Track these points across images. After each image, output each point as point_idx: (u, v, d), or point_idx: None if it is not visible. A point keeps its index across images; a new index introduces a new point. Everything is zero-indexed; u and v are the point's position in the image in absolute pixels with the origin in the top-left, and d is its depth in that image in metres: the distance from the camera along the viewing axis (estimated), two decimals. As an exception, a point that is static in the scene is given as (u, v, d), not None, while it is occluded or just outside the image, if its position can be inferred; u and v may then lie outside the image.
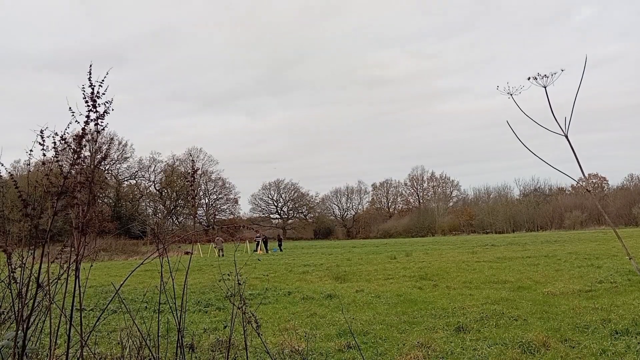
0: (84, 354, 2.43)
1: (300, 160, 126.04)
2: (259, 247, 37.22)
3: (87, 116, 2.24)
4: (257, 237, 39.04)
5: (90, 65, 2.24)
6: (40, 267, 2.27)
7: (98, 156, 2.62)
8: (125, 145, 70.34)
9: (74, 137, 2.26)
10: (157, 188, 76.93)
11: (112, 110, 2.29)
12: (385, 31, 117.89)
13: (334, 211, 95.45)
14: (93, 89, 2.25)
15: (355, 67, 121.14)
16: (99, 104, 2.25)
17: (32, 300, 2.27)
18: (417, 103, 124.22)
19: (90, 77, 2.24)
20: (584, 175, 1.97)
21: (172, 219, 76.02)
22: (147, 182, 76.34)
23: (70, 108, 2.22)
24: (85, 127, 2.23)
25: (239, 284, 2.89)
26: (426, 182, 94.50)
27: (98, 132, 2.27)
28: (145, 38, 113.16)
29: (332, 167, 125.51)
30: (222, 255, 32.72)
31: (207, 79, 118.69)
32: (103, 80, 2.26)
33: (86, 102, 2.24)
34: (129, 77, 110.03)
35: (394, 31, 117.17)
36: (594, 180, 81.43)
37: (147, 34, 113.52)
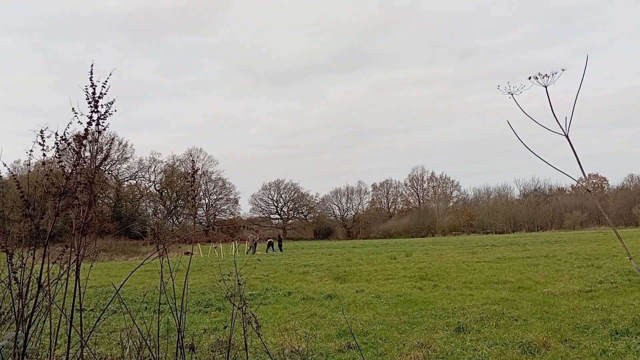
0: (84, 354, 2.43)
1: (332, 154, 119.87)
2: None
3: (90, 117, 2.24)
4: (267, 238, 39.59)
5: (92, 65, 2.24)
6: (41, 268, 2.27)
7: (99, 156, 2.62)
8: (126, 145, 70.45)
9: (74, 137, 2.26)
10: (157, 188, 76.94)
11: (115, 111, 2.28)
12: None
13: (334, 211, 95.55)
14: (95, 89, 2.24)
15: (462, 34, 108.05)
16: (101, 105, 2.25)
17: (32, 301, 2.27)
18: (495, 84, 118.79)
19: (91, 77, 2.24)
20: (584, 175, 1.97)
21: (172, 219, 76.01)
22: (147, 182, 76.43)
23: (73, 109, 2.22)
24: (88, 128, 2.23)
25: (239, 284, 2.89)
26: (426, 182, 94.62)
27: (99, 132, 2.27)
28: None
29: (360, 162, 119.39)
30: (254, 252, 33.37)
31: (281, 48, 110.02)
32: (106, 82, 2.26)
33: (89, 102, 2.24)
34: (204, 43, 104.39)
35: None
36: (594, 181, 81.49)
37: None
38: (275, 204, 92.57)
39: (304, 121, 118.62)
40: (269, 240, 39.12)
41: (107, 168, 63.95)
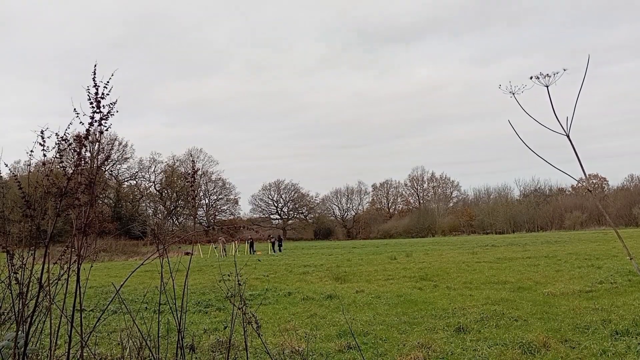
0: (84, 354, 2.43)
1: (368, 148, 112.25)
2: (274, 247, 37.07)
3: (92, 117, 2.23)
4: (271, 237, 39.11)
5: (95, 66, 2.24)
6: (42, 268, 2.27)
7: (100, 157, 2.62)
8: (126, 145, 70.44)
9: (75, 137, 2.26)
10: (157, 189, 76.92)
11: (117, 112, 2.28)
12: None
13: (334, 212, 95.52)
14: (97, 89, 2.24)
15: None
16: (103, 105, 2.25)
17: (32, 301, 2.27)
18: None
19: (94, 77, 2.24)
20: (585, 175, 1.97)
21: (172, 220, 75.98)
22: (148, 182, 76.41)
23: (74, 109, 2.21)
24: (90, 129, 2.23)
25: (239, 284, 2.88)
26: (426, 183, 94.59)
27: (101, 132, 2.27)
28: None
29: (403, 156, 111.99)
30: (225, 255, 32.99)
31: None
32: (108, 82, 2.25)
33: (90, 103, 2.24)
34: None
35: None
36: (594, 181, 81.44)
37: None
38: (275, 204, 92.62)
39: (365, 104, 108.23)
40: (250, 239, 38.10)
41: (107, 168, 63.96)
